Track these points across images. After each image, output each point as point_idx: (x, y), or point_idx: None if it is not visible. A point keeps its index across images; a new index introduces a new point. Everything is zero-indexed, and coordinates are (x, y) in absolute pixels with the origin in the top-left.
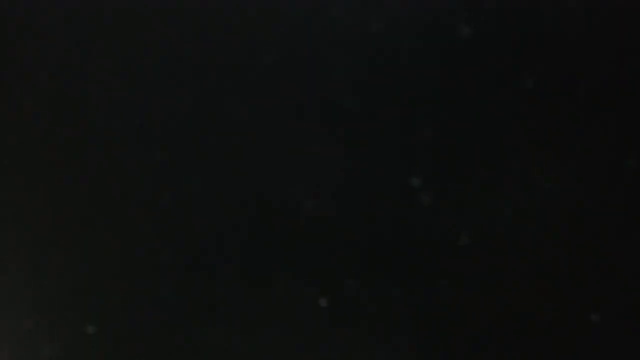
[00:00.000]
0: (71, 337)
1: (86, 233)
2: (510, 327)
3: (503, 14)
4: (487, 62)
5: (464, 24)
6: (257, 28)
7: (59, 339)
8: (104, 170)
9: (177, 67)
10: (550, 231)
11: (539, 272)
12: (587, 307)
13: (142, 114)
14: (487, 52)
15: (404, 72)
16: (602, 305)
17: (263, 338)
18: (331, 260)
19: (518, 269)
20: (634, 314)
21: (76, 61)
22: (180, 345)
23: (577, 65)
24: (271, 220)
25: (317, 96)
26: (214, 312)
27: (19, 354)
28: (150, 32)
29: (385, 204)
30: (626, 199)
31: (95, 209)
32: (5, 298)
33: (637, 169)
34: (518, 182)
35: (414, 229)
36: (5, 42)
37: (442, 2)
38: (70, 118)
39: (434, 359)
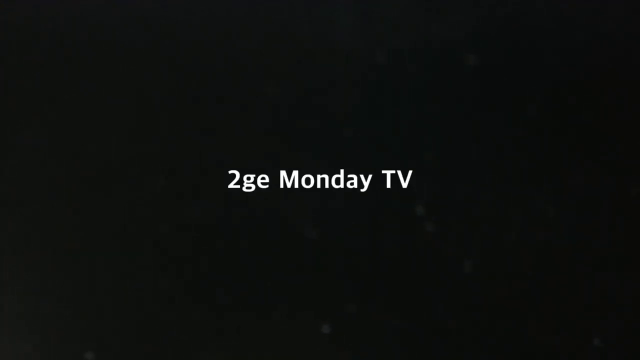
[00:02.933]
0: None
1: (86, 260)
2: (514, 353)
3: (507, 44)
4: (491, 92)
5: (469, 53)
6: (262, 60)
7: None
8: (103, 196)
9: (186, 101)
10: (554, 259)
11: (543, 299)
12: (590, 332)
13: (147, 138)
14: (491, 81)
15: (408, 100)
16: (604, 331)
17: None
18: (334, 287)
19: (522, 296)
20: (634, 339)
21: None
22: None
23: (582, 94)
24: (273, 247)
25: (322, 125)
26: (215, 339)
27: None
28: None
29: (389, 232)
30: (629, 227)
31: (96, 236)
32: (5, 324)
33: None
34: (522, 211)
35: (417, 257)
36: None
37: (447, 33)
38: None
39: None
